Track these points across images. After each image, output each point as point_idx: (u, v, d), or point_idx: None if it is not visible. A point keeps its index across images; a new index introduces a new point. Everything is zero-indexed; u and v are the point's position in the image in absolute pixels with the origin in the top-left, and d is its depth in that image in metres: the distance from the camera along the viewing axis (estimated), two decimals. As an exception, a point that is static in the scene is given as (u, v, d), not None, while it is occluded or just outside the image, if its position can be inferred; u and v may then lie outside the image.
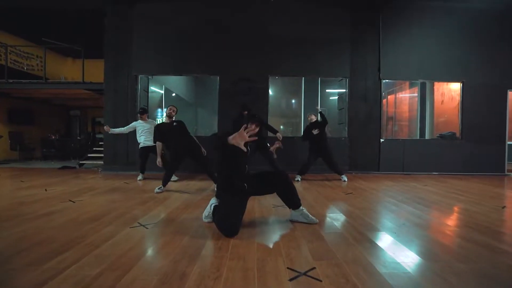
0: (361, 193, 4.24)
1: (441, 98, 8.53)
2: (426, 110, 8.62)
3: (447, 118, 8.06)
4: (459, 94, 7.47)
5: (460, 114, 6.89)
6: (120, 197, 3.77)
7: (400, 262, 1.82)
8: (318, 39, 6.55)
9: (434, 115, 8.52)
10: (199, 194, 4.07)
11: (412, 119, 9.20)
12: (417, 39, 6.68)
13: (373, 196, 4.04)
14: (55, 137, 9.35)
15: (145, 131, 5.31)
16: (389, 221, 2.81)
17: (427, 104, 8.66)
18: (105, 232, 2.36)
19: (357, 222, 2.72)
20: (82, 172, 6.49)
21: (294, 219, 2.69)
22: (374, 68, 6.66)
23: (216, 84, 6.56)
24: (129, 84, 6.47)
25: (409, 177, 6.10)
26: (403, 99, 9.86)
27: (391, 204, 3.54)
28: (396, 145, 6.69)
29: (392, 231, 2.46)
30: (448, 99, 8.15)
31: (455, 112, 7.61)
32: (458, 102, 7.48)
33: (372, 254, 1.95)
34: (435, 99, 8.47)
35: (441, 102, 8.55)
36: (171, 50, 6.46)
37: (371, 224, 2.66)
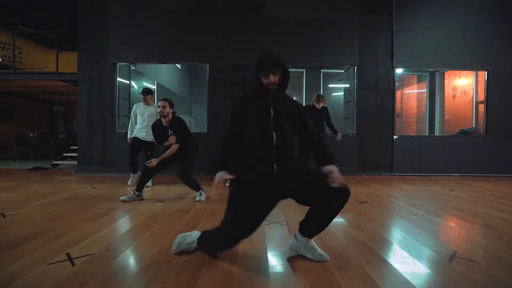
0: (378, 202, 3.42)
1: (452, 92, 7.82)
2: (436, 106, 7.94)
3: (459, 114, 7.35)
4: (472, 88, 6.74)
5: (485, 107, 6.04)
6: (72, 208, 2.96)
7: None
8: (323, 21, 5.71)
9: (445, 111, 7.85)
10: (175, 203, 3.26)
11: (420, 116, 8.48)
12: (434, 21, 5.82)
13: (394, 206, 3.21)
14: (34, 134, 8.54)
15: (146, 118, 4.20)
16: (431, 248, 1.98)
17: (437, 100, 7.96)
18: (9, 271, 1.55)
19: (383, 250, 1.90)
20: (53, 174, 5.69)
21: (295, 249, 1.83)
22: (386, 54, 5.82)
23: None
24: (105, 73, 5.65)
25: (428, 180, 5.27)
26: (410, 95, 9.12)
27: (420, 218, 2.72)
28: (412, 142, 5.85)
29: (440, 272, 1.64)
30: (461, 94, 7.45)
31: (469, 107, 6.92)
32: (472, 96, 6.78)
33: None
34: (445, 94, 7.78)
35: (453, 97, 7.85)
36: (154, 34, 5.63)
37: (405, 257, 1.84)
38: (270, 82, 1.58)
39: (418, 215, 2.83)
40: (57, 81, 6.52)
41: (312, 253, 1.74)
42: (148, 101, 4.28)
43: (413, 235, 2.25)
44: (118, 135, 5.55)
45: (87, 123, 5.66)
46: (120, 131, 5.62)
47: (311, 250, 1.74)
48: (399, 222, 2.61)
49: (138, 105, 4.36)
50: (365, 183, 4.83)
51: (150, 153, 3.98)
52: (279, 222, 2.54)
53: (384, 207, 3.14)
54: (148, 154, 4.03)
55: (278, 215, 2.74)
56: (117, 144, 5.47)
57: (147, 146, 4.22)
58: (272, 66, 1.57)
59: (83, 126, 5.69)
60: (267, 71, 1.57)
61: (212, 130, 5.59)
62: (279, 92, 1.65)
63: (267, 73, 1.57)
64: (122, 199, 3.25)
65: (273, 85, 1.59)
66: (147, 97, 4.26)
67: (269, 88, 1.59)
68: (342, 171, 1.65)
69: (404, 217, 2.76)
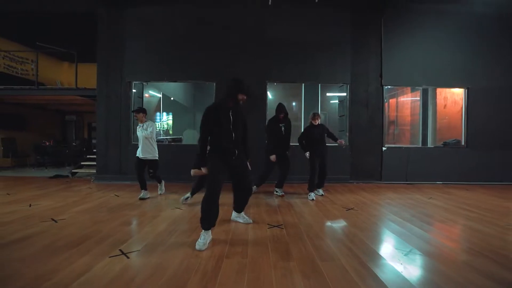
0: (364, 209, 3.99)
1: (443, 102, 8.35)
2: (429, 115, 8.43)
3: (450, 123, 7.87)
4: (462, 98, 7.28)
5: (464, 121, 6.65)
6: (106, 215, 3.54)
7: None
8: (318, 43, 6.33)
9: (437, 119, 8.32)
10: (190, 210, 3.84)
11: (414, 123, 9.00)
12: (420, 43, 6.45)
13: (377, 213, 3.79)
14: (49, 143, 9.13)
15: (140, 136, 4.32)
16: (395, 246, 2.57)
17: (430, 109, 8.46)
18: (80, 264, 2.13)
19: (359, 249, 2.48)
20: (74, 182, 6.27)
21: (235, 219, 3.32)
22: (376, 73, 6.43)
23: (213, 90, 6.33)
24: (122, 90, 6.26)
25: (412, 188, 5.85)
26: (405, 103, 9.68)
27: (396, 223, 3.30)
28: (399, 153, 6.44)
29: (398, 261, 2.23)
30: (451, 103, 7.94)
31: (459, 116, 7.39)
32: (461, 106, 7.27)
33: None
34: (437, 103, 8.26)
35: (444, 106, 8.36)
36: (165, 55, 6.25)
37: (375, 252, 2.42)
38: (243, 99, 2.77)
39: (394, 221, 3.40)
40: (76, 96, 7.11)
41: (242, 219, 3.25)
42: (140, 119, 4.37)
43: (384, 236, 2.83)
44: (133, 146, 6.12)
45: (105, 135, 6.24)
46: (134, 143, 6.20)
47: (241, 218, 3.26)
48: (377, 226, 3.19)
49: (138, 126, 4.44)
50: (356, 191, 5.40)
51: (153, 170, 4.38)
52: (279, 226, 3.12)
53: (368, 214, 3.72)
54: (150, 172, 4.37)
55: (278, 220, 3.32)
56: (132, 155, 6.00)
57: (149, 164, 4.38)
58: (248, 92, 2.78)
59: (101, 138, 6.28)
60: (244, 93, 2.75)
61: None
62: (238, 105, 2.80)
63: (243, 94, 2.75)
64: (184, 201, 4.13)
65: (243, 101, 2.79)
66: (139, 115, 4.35)
67: (241, 102, 2.78)
68: (336, 179, 2.29)
69: (383, 222, 3.34)
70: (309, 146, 4.64)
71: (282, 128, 4.60)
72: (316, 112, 4.65)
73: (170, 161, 6.09)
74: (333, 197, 4.81)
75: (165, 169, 6.07)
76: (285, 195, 4.86)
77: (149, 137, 4.32)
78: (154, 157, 4.27)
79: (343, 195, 4.98)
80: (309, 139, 4.64)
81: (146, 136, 4.29)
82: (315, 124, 4.61)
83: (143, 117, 4.36)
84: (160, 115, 9.80)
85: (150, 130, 4.32)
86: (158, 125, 9.96)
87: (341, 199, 4.68)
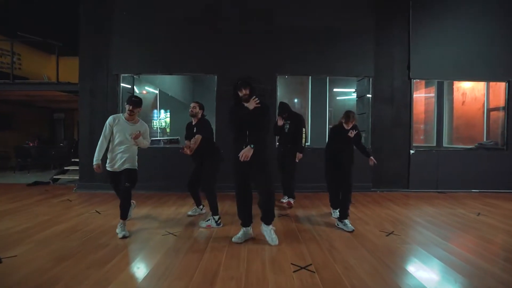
0: (406, 233, 3.16)
1: (462, 98, 7.59)
2: (444, 112, 7.67)
3: (468, 121, 7.20)
4: (483, 94, 6.56)
5: (505, 121, 5.79)
6: (77, 246, 2.70)
7: None
8: (335, 30, 5.45)
9: (454, 117, 7.63)
10: (187, 236, 3.00)
11: (428, 121, 8.26)
12: (453, 30, 5.57)
13: (427, 241, 2.94)
14: (34, 144, 8.26)
15: (127, 139, 3.08)
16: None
17: (445, 106, 7.70)
18: None
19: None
20: (55, 190, 5.43)
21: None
22: (403, 65, 5.57)
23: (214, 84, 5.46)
24: (108, 84, 5.39)
25: (447, 198, 5.02)
26: (418, 100, 8.89)
27: (458, 258, 2.46)
28: (429, 157, 5.60)
29: None
30: (471, 100, 7.23)
31: (479, 114, 6.71)
32: (483, 103, 6.57)
33: None
34: (454, 99, 7.56)
35: (462, 103, 7.62)
36: (159, 44, 5.36)
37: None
38: (244, 94, 2.74)
39: (454, 253, 2.57)
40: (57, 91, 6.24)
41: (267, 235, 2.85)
42: (135, 115, 3.12)
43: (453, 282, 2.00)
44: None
45: (89, 137, 5.39)
46: (124, 145, 5.36)
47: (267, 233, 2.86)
48: (443, 269, 2.35)
49: (116, 119, 3.09)
50: (383, 203, 4.58)
51: (130, 184, 3.07)
52: (308, 268, 2.29)
53: (416, 242, 2.88)
54: (127, 185, 3.06)
55: (302, 253, 2.49)
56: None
57: (127, 175, 3.08)
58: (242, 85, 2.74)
59: (84, 140, 5.43)
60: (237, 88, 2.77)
61: (221, 145, 5.30)
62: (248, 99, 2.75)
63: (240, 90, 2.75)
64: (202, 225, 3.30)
65: (246, 95, 2.74)
66: (136, 111, 3.07)
67: (244, 98, 2.75)
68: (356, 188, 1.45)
69: (446, 260, 2.48)
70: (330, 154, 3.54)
71: (287, 126, 4.26)
72: (351, 112, 3.40)
73: (165, 167, 5.27)
74: (360, 212, 3.97)
75: (156, 177, 5.26)
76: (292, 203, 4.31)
77: (144, 146, 3.25)
78: (135, 166, 3.19)
79: (370, 209, 4.16)
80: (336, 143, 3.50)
81: (140, 144, 3.17)
82: (347, 128, 3.39)
83: (137, 113, 3.16)
84: (158, 112, 8.99)
85: (146, 133, 3.24)
86: (155, 123, 9.13)
87: (370, 215, 3.85)
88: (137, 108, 3.07)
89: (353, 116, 3.33)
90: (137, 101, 3.08)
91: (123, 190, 3.05)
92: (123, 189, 3.05)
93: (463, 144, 6.94)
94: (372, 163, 3.45)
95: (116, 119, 3.09)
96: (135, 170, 3.16)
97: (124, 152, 3.07)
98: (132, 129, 3.08)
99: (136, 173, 3.17)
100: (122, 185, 3.07)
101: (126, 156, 3.08)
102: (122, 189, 3.06)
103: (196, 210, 3.80)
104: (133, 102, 3.03)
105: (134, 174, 3.15)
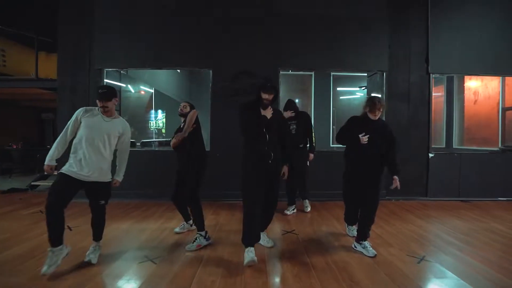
0: (439, 257, 2.56)
1: (474, 97, 7.11)
2: (454, 112, 7.24)
3: (480, 121, 6.69)
4: (498, 92, 6.02)
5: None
6: (23, 284, 2.11)
7: None
8: (344, 19, 4.86)
9: (465, 117, 7.13)
10: (169, 265, 2.41)
11: (437, 122, 7.77)
12: (478, 19, 4.97)
13: (469, 270, 2.34)
14: (17, 146, 7.69)
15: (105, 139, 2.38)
16: None
17: (455, 105, 7.25)
18: None
19: None
20: (32, 198, 4.87)
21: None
22: (421, 58, 4.97)
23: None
24: (90, 79, 4.81)
25: (473, 208, 4.42)
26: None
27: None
28: (450, 161, 5.00)
29: None
30: (484, 99, 6.71)
31: (494, 113, 6.22)
32: (497, 101, 6.06)
33: None
34: (465, 98, 7.08)
35: (474, 102, 7.13)
36: (148, 36, 4.78)
37: None
38: (266, 98, 2.43)
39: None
40: (37, 88, 5.67)
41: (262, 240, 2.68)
42: (110, 110, 2.39)
43: None
44: (106, 153, 4.72)
45: (69, 139, 4.79)
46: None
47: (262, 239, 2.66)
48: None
49: (89, 111, 2.39)
50: (402, 215, 3.99)
51: (104, 201, 2.47)
52: None
53: (456, 271, 2.28)
54: (101, 203, 2.44)
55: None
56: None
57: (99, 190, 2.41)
58: (271, 89, 2.42)
59: (65, 142, 4.84)
60: (267, 91, 2.42)
61: (216, 148, 4.74)
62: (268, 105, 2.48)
63: (266, 92, 2.42)
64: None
65: (268, 101, 2.44)
66: (109, 104, 2.36)
67: (264, 102, 2.44)
68: None
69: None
70: (351, 154, 2.78)
71: (293, 127, 3.94)
72: (376, 97, 2.64)
73: (157, 172, 4.70)
74: (379, 228, 3.37)
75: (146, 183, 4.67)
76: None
77: (124, 150, 2.57)
78: (109, 179, 2.49)
79: (389, 224, 3.56)
80: (354, 141, 2.64)
81: (120, 148, 2.54)
82: (374, 118, 2.61)
83: (113, 106, 2.43)
84: (155, 113, 8.46)
85: (127, 137, 2.55)
86: (152, 124, 8.57)
87: (391, 232, 3.25)
88: (109, 102, 2.36)
89: (379, 102, 2.55)
90: (105, 92, 2.36)
91: (98, 207, 2.44)
92: (97, 206, 2.44)
93: (477, 145, 6.45)
94: (396, 186, 2.65)
95: (88, 111, 2.39)
96: (109, 183, 2.52)
97: (97, 158, 2.34)
98: (110, 127, 2.39)
99: (110, 185, 2.53)
100: (93, 201, 2.44)
101: (101, 163, 2.36)
102: (95, 206, 2.44)
103: (184, 226, 3.21)
104: (101, 96, 2.33)
105: (109, 187, 2.51)
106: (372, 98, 2.64)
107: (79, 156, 2.29)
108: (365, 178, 2.64)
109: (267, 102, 2.43)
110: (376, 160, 2.63)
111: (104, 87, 2.46)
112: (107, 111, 2.39)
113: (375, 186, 2.64)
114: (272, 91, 2.41)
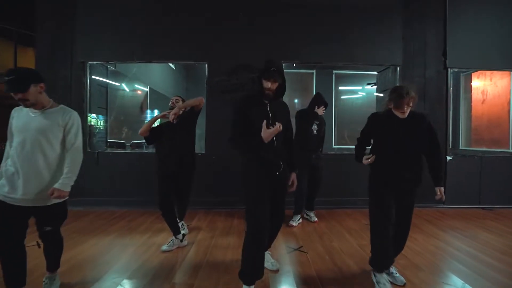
0: (478, 284, 2.10)
1: (482, 97, 6.80)
2: (460, 112, 6.94)
3: (490, 121, 6.37)
4: (509, 90, 5.67)
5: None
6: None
7: None
8: (355, 8, 4.42)
9: (472, 117, 6.85)
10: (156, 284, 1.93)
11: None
12: (502, 8, 4.54)
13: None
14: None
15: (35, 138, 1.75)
16: None
17: (461, 104, 6.96)
18: None
19: None
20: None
21: None
22: (438, 52, 4.53)
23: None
24: (72, 74, 4.32)
25: (499, 217, 3.98)
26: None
27: None
28: (471, 164, 4.56)
29: None
30: (493, 98, 6.40)
31: (504, 112, 5.88)
32: (508, 100, 5.71)
33: None
34: (473, 98, 6.79)
35: (482, 101, 6.79)
36: (135, 26, 4.31)
37: None
38: (269, 88, 1.83)
39: None
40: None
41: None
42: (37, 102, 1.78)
43: None
44: (90, 156, 4.23)
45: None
46: (91, 151, 4.31)
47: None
48: None
49: (16, 112, 1.85)
50: (422, 226, 3.54)
51: (52, 226, 1.87)
52: None
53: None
54: (46, 230, 1.85)
55: None
56: (89, 168, 4.13)
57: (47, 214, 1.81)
58: (274, 74, 1.82)
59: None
60: (269, 76, 1.82)
61: (212, 150, 4.27)
62: (275, 99, 1.90)
63: (269, 79, 1.83)
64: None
65: (270, 91, 1.84)
66: (29, 94, 1.70)
67: (266, 93, 1.85)
68: None
69: None
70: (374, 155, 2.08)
71: (315, 127, 3.50)
72: (404, 87, 1.99)
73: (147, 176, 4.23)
74: (410, 251, 2.89)
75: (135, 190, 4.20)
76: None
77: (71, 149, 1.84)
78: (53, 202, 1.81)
79: (410, 238, 3.02)
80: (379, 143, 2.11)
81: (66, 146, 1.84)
82: (402, 116, 2.03)
83: (37, 95, 1.77)
84: (151, 112, 8.02)
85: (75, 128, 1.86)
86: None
87: (415, 249, 2.79)
88: (26, 93, 1.67)
89: (407, 93, 1.92)
90: (14, 80, 1.64)
91: (45, 235, 1.87)
92: (42, 234, 1.86)
93: (486, 147, 6.13)
94: (440, 197, 2.11)
95: (17, 111, 1.83)
96: (63, 202, 1.86)
97: (33, 170, 1.72)
98: (42, 122, 1.76)
99: (66, 205, 1.89)
100: (38, 226, 1.84)
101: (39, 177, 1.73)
102: (41, 234, 1.86)
103: (173, 242, 2.74)
104: (9, 86, 1.63)
105: (62, 207, 1.86)
106: (397, 88, 2.01)
107: (9, 170, 1.72)
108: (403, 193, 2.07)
109: (269, 93, 1.82)
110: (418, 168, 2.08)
111: (12, 71, 1.67)
112: (30, 104, 1.74)
113: (412, 202, 2.11)
114: (277, 78, 1.81)
